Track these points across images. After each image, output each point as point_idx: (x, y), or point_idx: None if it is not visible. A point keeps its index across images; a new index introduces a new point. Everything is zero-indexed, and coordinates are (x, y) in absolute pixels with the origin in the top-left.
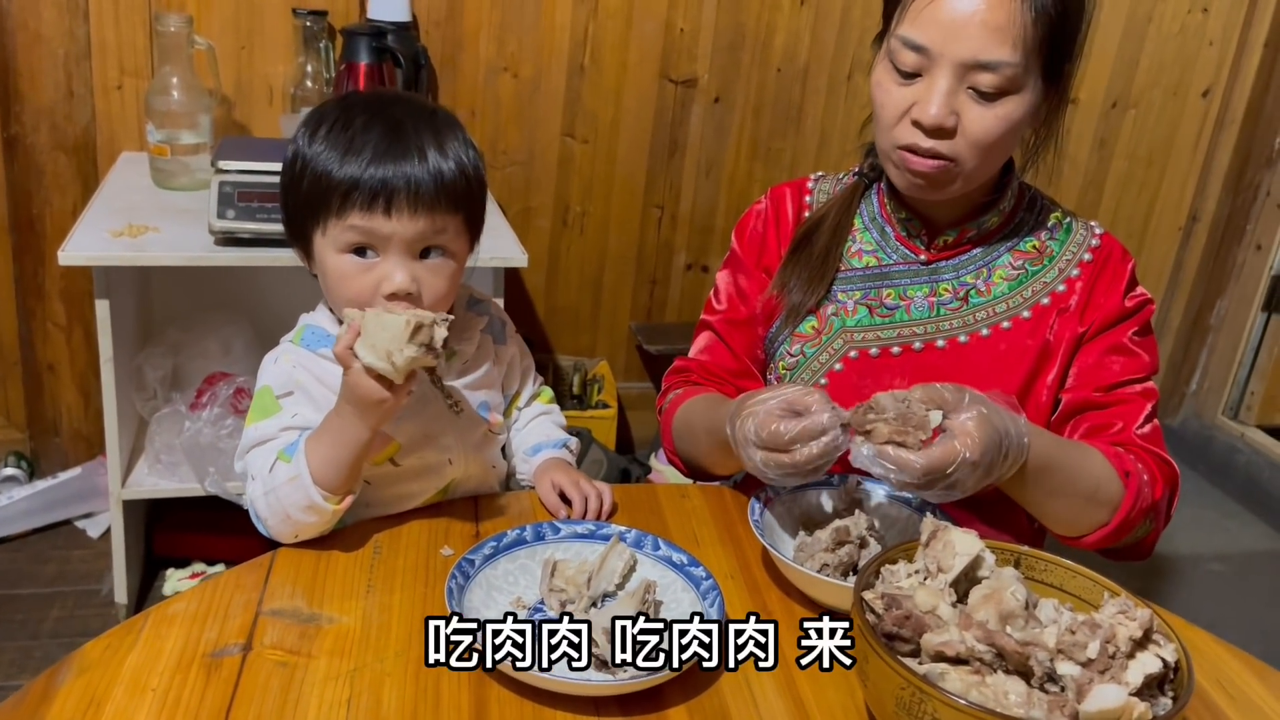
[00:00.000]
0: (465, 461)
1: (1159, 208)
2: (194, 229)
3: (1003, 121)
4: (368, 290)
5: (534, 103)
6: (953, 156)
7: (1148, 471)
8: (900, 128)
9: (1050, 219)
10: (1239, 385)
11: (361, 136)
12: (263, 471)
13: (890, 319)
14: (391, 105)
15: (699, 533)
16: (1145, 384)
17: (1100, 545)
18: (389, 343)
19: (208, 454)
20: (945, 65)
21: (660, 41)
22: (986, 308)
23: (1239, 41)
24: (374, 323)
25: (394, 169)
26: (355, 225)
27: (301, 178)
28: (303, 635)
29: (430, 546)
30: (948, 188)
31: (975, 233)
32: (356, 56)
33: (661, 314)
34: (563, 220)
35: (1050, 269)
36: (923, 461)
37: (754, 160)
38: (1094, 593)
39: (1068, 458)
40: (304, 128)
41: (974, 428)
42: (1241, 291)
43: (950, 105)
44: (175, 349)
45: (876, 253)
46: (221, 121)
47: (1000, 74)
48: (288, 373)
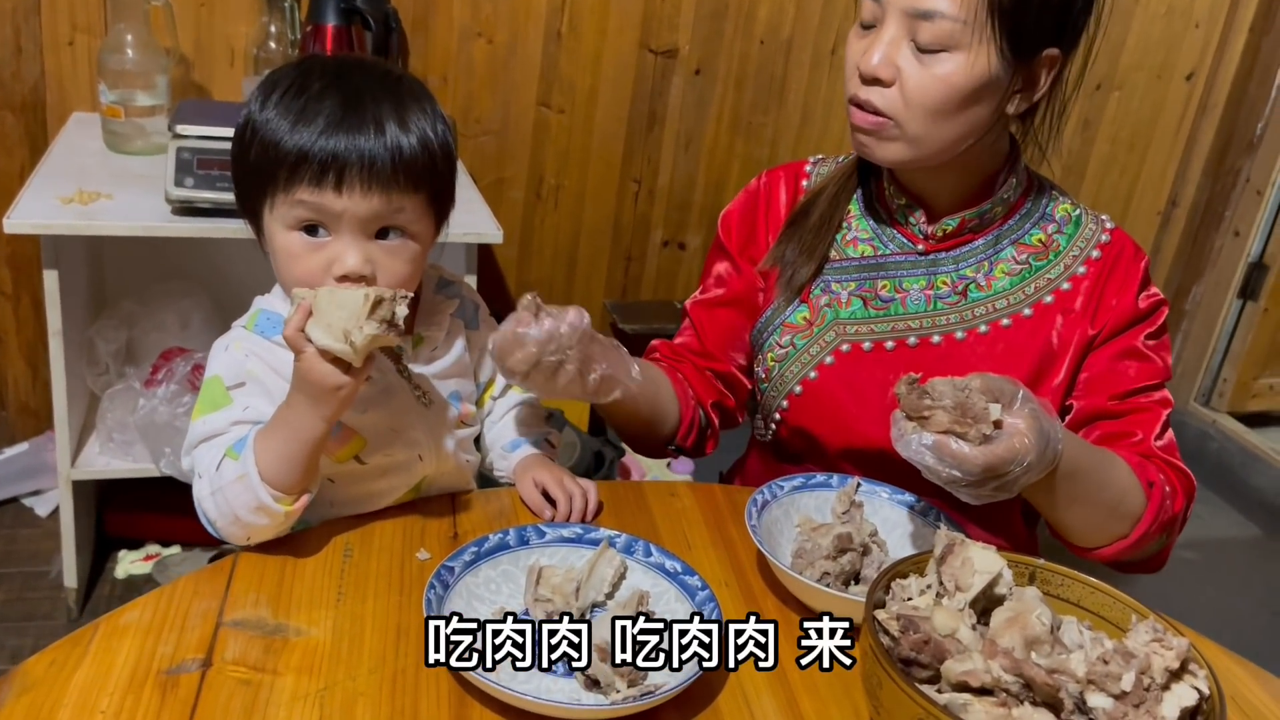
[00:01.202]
0: (437, 457)
1: (1139, 191)
2: (149, 196)
3: (941, 82)
4: (318, 271)
5: (509, 69)
6: (889, 113)
7: (1170, 484)
8: (853, 81)
9: (1059, 211)
10: (1212, 372)
11: (315, 104)
12: (210, 469)
13: (885, 312)
14: (352, 71)
15: (690, 535)
16: (1161, 391)
17: (1117, 558)
18: (345, 321)
19: (163, 433)
20: (893, 13)
21: (641, 9)
22: (986, 303)
23: (1225, 24)
24: (327, 300)
25: (346, 141)
26: (304, 200)
27: (250, 146)
28: (268, 649)
29: (405, 549)
30: (889, 148)
31: (976, 221)
32: (324, 18)
33: (637, 291)
34: (536, 193)
35: (1055, 264)
36: (984, 459)
37: (735, 134)
38: (1114, 609)
39: (1095, 465)
40: (258, 92)
41: (1027, 427)
42: (1218, 277)
43: (889, 55)
44: (129, 321)
45: (872, 241)
46: (179, 83)
47: (938, 25)
48: (239, 362)
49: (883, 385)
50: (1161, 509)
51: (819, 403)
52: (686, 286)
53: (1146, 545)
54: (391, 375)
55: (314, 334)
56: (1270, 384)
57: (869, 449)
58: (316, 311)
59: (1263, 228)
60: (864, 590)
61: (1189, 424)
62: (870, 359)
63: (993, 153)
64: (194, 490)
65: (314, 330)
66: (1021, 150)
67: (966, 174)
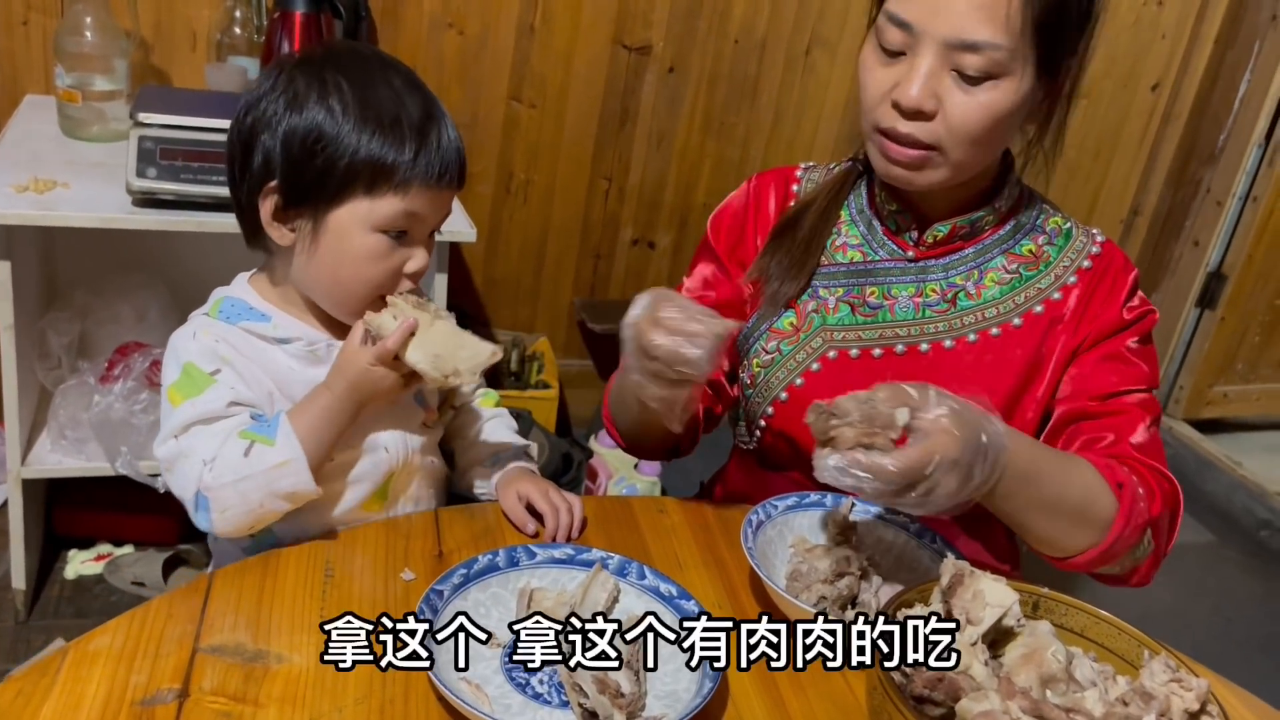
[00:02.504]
0: (403, 453)
1: (1103, 199)
2: (109, 186)
3: (986, 110)
4: (392, 271)
5: (479, 62)
6: (933, 144)
7: (1143, 485)
8: (881, 110)
9: (1050, 224)
10: (1169, 379)
11: (396, 102)
12: (228, 456)
13: (873, 319)
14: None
15: (681, 554)
16: (1143, 394)
17: (1092, 566)
18: (459, 362)
19: (120, 431)
20: (929, 44)
21: (615, 5)
22: (975, 312)
23: (1190, 35)
24: (444, 334)
25: (445, 139)
26: (414, 201)
27: (338, 148)
28: (248, 678)
29: (389, 569)
30: (926, 175)
31: (968, 229)
32: (292, 4)
33: (605, 290)
34: (505, 188)
35: (1046, 275)
36: (897, 464)
37: (706, 134)
38: (1121, 642)
39: (1054, 466)
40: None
41: (949, 424)
42: (1177, 286)
43: (931, 87)
44: (83, 313)
45: (862, 247)
46: (138, 67)
47: (985, 56)
48: (210, 347)
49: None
50: (1134, 511)
51: (804, 410)
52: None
53: (1124, 552)
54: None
55: (414, 358)
56: (1225, 391)
57: None
58: (423, 338)
59: (1222, 238)
60: None
61: None
62: (858, 366)
63: (995, 164)
64: (189, 476)
65: (415, 354)
66: (1014, 160)
67: (963, 187)
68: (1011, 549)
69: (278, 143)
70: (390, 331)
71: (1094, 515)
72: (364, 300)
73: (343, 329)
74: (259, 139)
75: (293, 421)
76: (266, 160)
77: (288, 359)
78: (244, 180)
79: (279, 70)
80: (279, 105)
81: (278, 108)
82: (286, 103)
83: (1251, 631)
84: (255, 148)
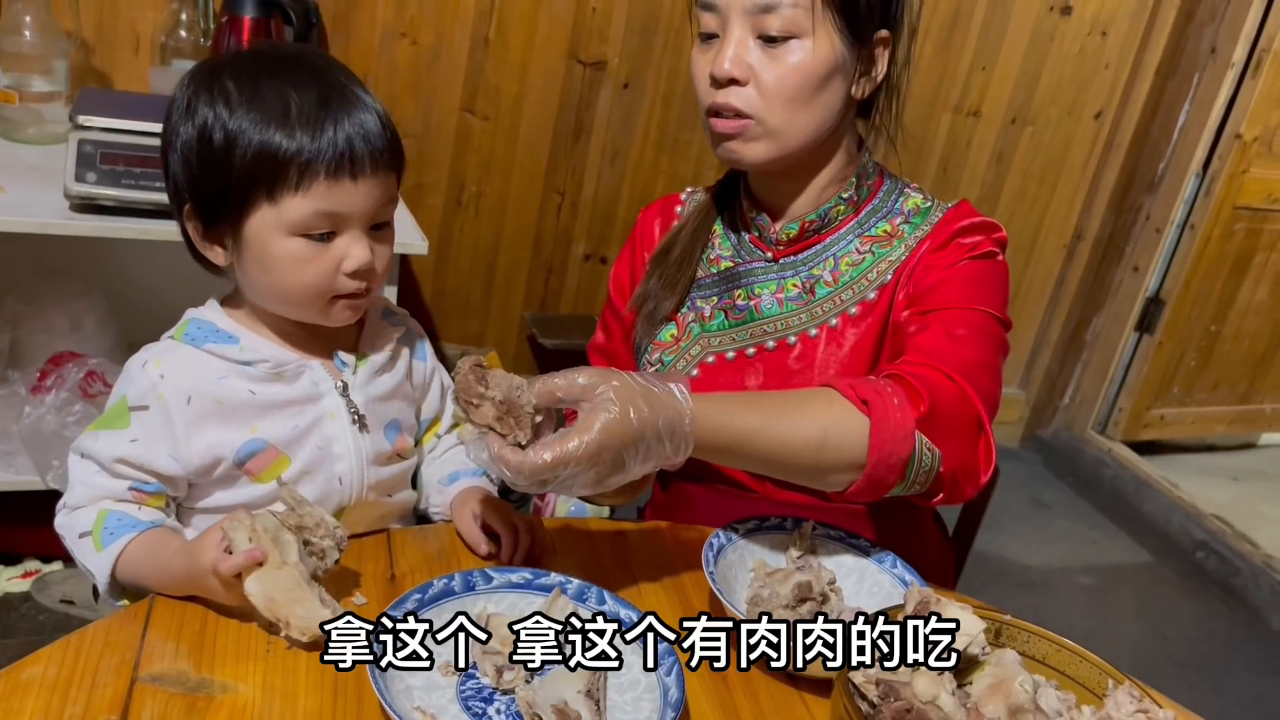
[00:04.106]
0: (358, 485)
1: (1047, 224)
2: (45, 190)
3: (794, 70)
4: (326, 272)
5: (432, 73)
6: (750, 112)
7: (905, 390)
8: (704, 91)
9: (909, 204)
10: (1109, 401)
11: (296, 96)
12: (73, 526)
13: (742, 320)
14: (301, 57)
15: (640, 578)
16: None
17: (867, 495)
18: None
19: (51, 443)
20: (734, 16)
21: (571, 19)
22: (833, 297)
23: (1133, 66)
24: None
25: (349, 128)
26: (321, 200)
27: (229, 152)
28: (190, 709)
29: (339, 592)
30: (755, 148)
31: (818, 222)
32: (241, 8)
33: (556, 305)
34: (457, 200)
35: (898, 248)
36: (529, 464)
37: (660, 150)
38: (1081, 669)
39: (772, 415)
40: (204, 92)
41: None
42: (1117, 310)
43: (739, 55)
44: (14, 321)
45: (733, 256)
46: (78, 69)
47: (781, 16)
48: (153, 383)
49: (745, 390)
50: (886, 422)
51: None
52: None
53: (896, 469)
54: (332, 396)
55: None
56: (1162, 414)
57: None
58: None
59: (1160, 264)
60: None
61: (1086, 452)
62: (732, 367)
63: (840, 153)
64: (64, 498)
65: (253, 586)
66: (869, 148)
67: (813, 178)
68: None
69: (179, 158)
70: (239, 550)
71: (841, 445)
72: (314, 301)
73: (315, 348)
74: (169, 158)
75: (130, 550)
76: (175, 181)
77: (248, 385)
78: (172, 203)
79: (181, 82)
80: (177, 117)
81: (176, 120)
82: (179, 114)
83: (1189, 651)
84: (168, 168)
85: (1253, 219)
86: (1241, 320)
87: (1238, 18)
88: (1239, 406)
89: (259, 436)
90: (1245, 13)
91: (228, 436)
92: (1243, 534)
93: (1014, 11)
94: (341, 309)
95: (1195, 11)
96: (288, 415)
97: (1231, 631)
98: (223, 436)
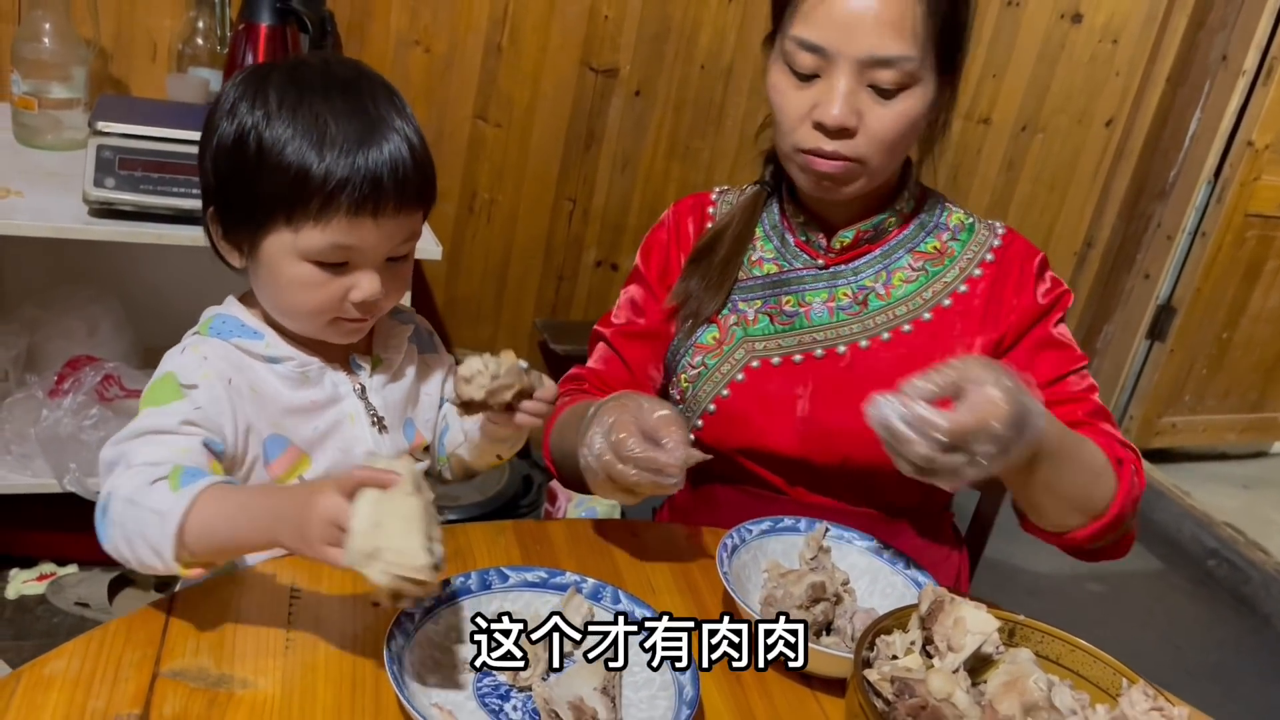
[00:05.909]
0: None
1: (1058, 231)
2: (65, 196)
3: (903, 118)
4: (334, 299)
5: (446, 80)
6: (857, 157)
7: (1134, 461)
8: (802, 131)
9: (953, 220)
10: (1120, 409)
11: (333, 119)
12: (143, 474)
13: (790, 326)
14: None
15: (653, 578)
16: (1082, 374)
17: (1094, 539)
18: (386, 550)
19: (68, 447)
20: (844, 64)
21: (583, 27)
22: (886, 311)
23: (1143, 74)
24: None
25: (378, 164)
26: (338, 233)
27: (259, 163)
28: (211, 704)
29: (356, 590)
30: (852, 185)
31: (872, 233)
32: (257, 16)
33: (567, 311)
34: (469, 207)
35: (951, 269)
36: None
37: (671, 158)
38: (1095, 669)
39: (1072, 445)
40: (248, 94)
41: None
42: (1127, 318)
43: (852, 105)
44: (31, 326)
45: (777, 260)
46: (95, 76)
47: (899, 69)
48: (195, 363)
49: (792, 398)
50: (1132, 485)
51: (732, 419)
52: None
53: (1122, 525)
54: (351, 399)
55: (361, 510)
56: (1173, 422)
57: (781, 459)
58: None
59: (1172, 271)
60: (837, 642)
61: None
62: (779, 373)
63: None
64: (108, 481)
65: (365, 507)
66: (913, 163)
67: (873, 192)
68: (960, 554)
69: (213, 155)
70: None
71: (1099, 490)
72: (318, 322)
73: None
74: (205, 152)
75: (208, 496)
76: (206, 178)
77: (276, 379)
78: (202, 198)
79: (233, 79)
80: (220, 114)
81: (219, 116)
82: (223, 111)
83: (1200, 659)
84: (203, 163)
85: (1264, 226)
86: (1253, 328)
87: (1249, 25)
88: (1250, 414)
89: (283, 434)
90: (1256, 20)
91: (259, 426)
92: (1254, 542)
93: (1025, 19)
94: (343, 329)
95: (1206, 19)
96: (310, 416)
97: (1242, 640)
98: (256, 424)
